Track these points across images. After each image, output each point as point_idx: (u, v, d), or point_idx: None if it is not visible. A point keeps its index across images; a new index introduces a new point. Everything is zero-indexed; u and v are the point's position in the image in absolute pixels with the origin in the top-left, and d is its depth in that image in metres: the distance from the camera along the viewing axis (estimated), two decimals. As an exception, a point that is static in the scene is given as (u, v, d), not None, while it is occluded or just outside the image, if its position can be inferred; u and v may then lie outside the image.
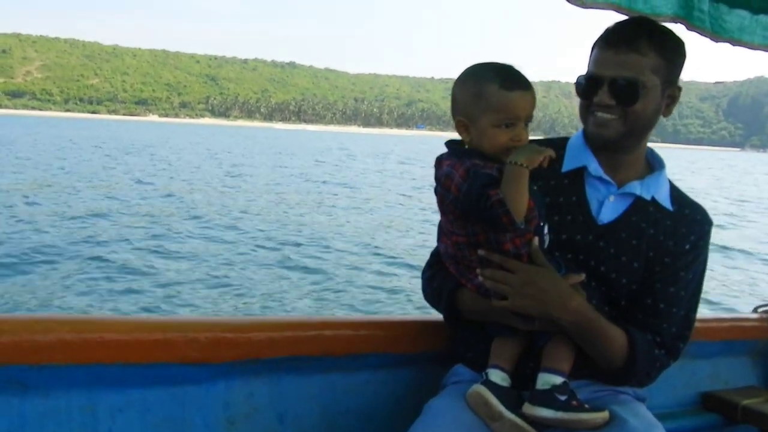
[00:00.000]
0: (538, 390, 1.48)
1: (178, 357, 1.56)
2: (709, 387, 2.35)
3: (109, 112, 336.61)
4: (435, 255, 1.71)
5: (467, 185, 1.39)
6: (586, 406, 1.45)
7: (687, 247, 1.59)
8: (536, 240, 1.45)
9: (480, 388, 1.48)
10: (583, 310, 1.46)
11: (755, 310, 2.54)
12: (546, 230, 1.50)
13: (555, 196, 1.58)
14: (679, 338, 1.61)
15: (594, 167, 1.61)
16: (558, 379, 1.47)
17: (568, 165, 1.63)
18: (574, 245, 1.57)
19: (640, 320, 1.57)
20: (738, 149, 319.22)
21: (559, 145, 1.67)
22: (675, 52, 1.55)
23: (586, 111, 1.59)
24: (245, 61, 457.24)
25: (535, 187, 1.48)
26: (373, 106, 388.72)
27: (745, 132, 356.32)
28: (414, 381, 1.89)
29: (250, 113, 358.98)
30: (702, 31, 2.28)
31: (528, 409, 1.45)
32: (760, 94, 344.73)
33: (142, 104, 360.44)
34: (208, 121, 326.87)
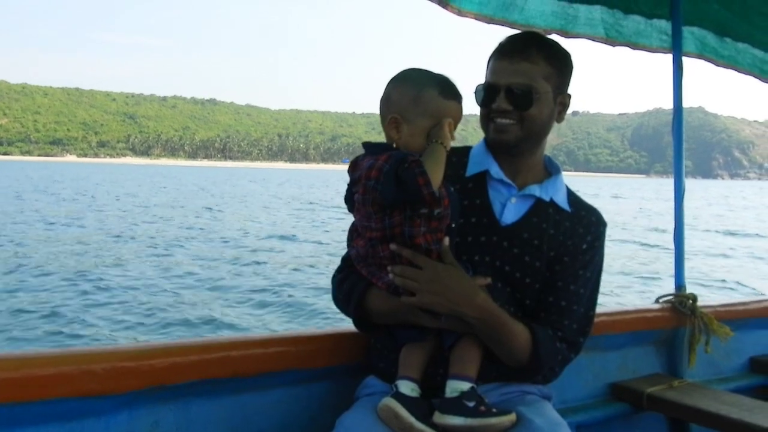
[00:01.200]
0: (446, 398, 1.51)
1: (73, 391, 1.49)
2: (618, 377, 2.43)
3: (23, 153, 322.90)
4: (345, 260, 1.73)
5: (389, 163, 1.44)
6: (494, 410, 1.49)
7: (584, 246, 1.68)
8: (447, 239, 1.49)
9: (390, 401, 1.50)
10: (488, 306, 1.51)
11: (657, 301, 2.68)
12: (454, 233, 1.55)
13: (460, 200, 1.63)
14: (580, 333, 1.68)
15: (495, 170, 1.68)
16: (466, 386, 1.50)
17: (471, 170, 1.71)
18: (480, 246, 1.63)
19: (543, 318, 1.64)
20: (644, 176, 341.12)
21: (463, 152, 1.76)
22: (563, 61, 1.67)
23: (486, 118, 1.68)
24: (164, 98, 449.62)
25: (453, 189, 1.55)
26: (299, 141, 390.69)
27: (649, 160, 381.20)
28: (329, 396, 1.88)
29: (173, 151, 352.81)
30: (593, 38, 2.46)
31: (438, 418, 1.47)
32: (660, 124, 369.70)
33: (57, 144, 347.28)
34: (129, 160, 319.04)
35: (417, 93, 1.53)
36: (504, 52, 1.65)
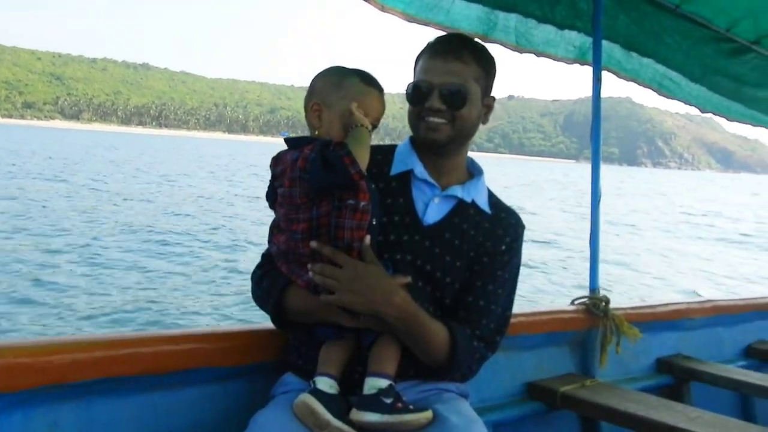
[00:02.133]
0: (364, 395, 1.51)
1: None
2: (534, 377, 2.49)
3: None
4: (266, 256, 1.71)
5: (314, 151, 1.45)
6: (411, 407, 1.50)
7: (503, 248, 1.71)
8: (368, 238, 1.49)
9: (307, 397, 1.48)
10: (407, 306, 1.52)
11: (573, 303, 2.75)
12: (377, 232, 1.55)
13: (384, 198, 1.64)
14: (497, 333, 1.72)
15: (420, 170, 1.70)
16: (384, 383, 1.51)
17: (396, 169, 1.72)
18: (402, 245, 1.64)
19: (462, 317, 1.66)
20: (574, 161, 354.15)
21: (388, 150, 1.78)
22: (491, 64, 1.72)
23: (416, 117, 1.69)
24: (93, 60, 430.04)
25: (374, 186, 1.55)
26: (237, 112, 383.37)
27: (579, 146, 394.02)
28: (245, 394, 1.83)
29: (104, 116, 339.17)
30: (505, 44, 2.59)
31: (355, 415, 1.48)
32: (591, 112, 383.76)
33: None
34: (58, 123, 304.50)
35: (339, 80, 1.57)
36: (437, 52, 1.67)
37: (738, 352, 3.32)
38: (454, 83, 1.63)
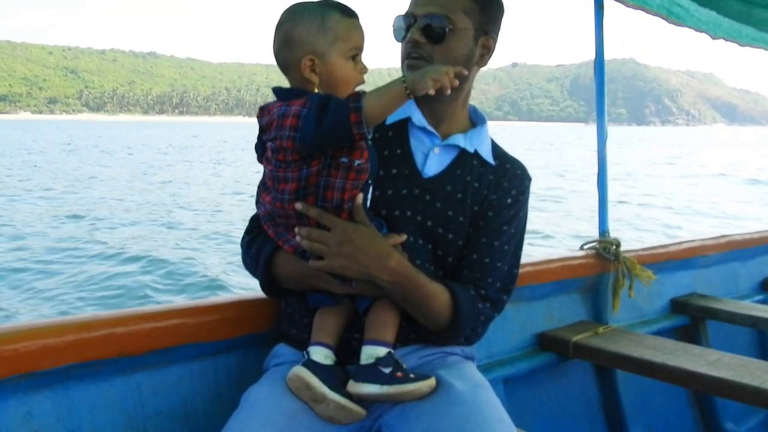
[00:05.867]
0: (362, 365, 1.40)
1: None
2: (545, 327, 2.40)
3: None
4: (254, 220, 1.58)
5: (307, 107, 1.25)
6: (412, 375, 1.40)
7: (509, 201, 1.57)
8: (360, 196, 1.35)
9: (300, 370, 1.37)
10: (402, 269, 1.39)
11: (582, 248, 2.65)
12: (371, 189, 1.42)
13: (380, 150, 1.49)
14: (503, 291, 1.59)
15: (418, 117, 1.54)
16: (382, 351, 1.40)
17: (391, 117, 1.52)
18: (401, 200, 1.50)
19: (466, 276, 1.54)
20: (583, 123, 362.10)
21: None
22: None
23: (402, 55, 1.54)
24: (102, 51, 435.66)
25: (371, 141, 1.38)
26: (251, 95, 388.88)
27: (587, 108, 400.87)
28: (237, 369, 1.71)
29: (126, 106, 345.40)
30: None
31: (352, 387, 1.37)
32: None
33: (4, 101, 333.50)
34: (86, 116, 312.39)
35: (321, 22, 1.32)
36: None
37: (754, 287, 3.28)
38: (435, 13, 1.46)
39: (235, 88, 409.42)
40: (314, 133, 1.23)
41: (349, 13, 1.36)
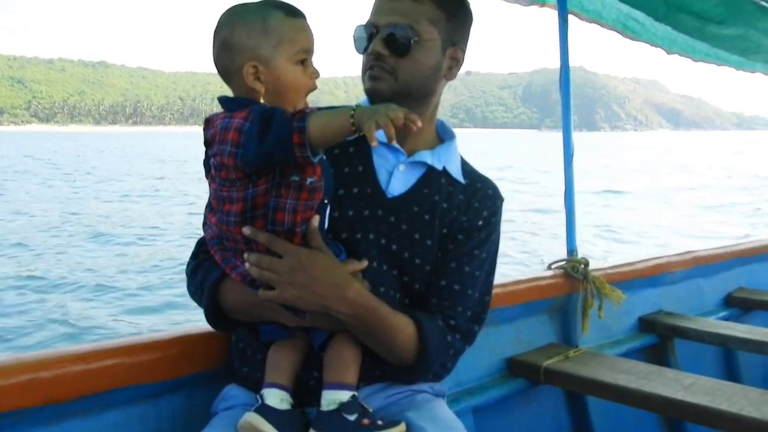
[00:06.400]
0: (323, 412, 1.28)
1: None
2: (514, 351, 2.31)
3: None
4: (201, 244, 1.44)
5: (249, 120, 1.14)
6: (380, 422, 1.29)
7: (480, 223, 1.47)
8: (316, 219, 1.23)
9: (253, 417, 1.24)
10: (362, 300, 1.27)
11: (550, 267, 2.57)
12: (328, 210, 1.29)
13: (340, 167, 1.39)
14: (474, 321, 1.47)
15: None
16: (345, 395, 1.28)
17: None
18: (363, 222, 1.38)
19: (434, 304, 1.42)
20: (536, 130, 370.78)
21: None
22: (455, 7, 1.43)
23: (364, 67, 1.43)
24: (50, 60, 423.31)
25: (325, 157, 1.26)
26: (208, 105, 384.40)
27: (539, 115, 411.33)
28: (182, 413, 1.55)
29: (78, 117, 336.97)
30: None
31: None
32: (548, 82, 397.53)
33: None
34: (36, 127, 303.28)
35: (262, 24, 1.20)
36: None
37: (718, 303, 3.27)
38: (399, 23, 1.36)
39: (189, 98, 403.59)
40: (256, 151, 1.12)
41: (295, 13, 1.24)
